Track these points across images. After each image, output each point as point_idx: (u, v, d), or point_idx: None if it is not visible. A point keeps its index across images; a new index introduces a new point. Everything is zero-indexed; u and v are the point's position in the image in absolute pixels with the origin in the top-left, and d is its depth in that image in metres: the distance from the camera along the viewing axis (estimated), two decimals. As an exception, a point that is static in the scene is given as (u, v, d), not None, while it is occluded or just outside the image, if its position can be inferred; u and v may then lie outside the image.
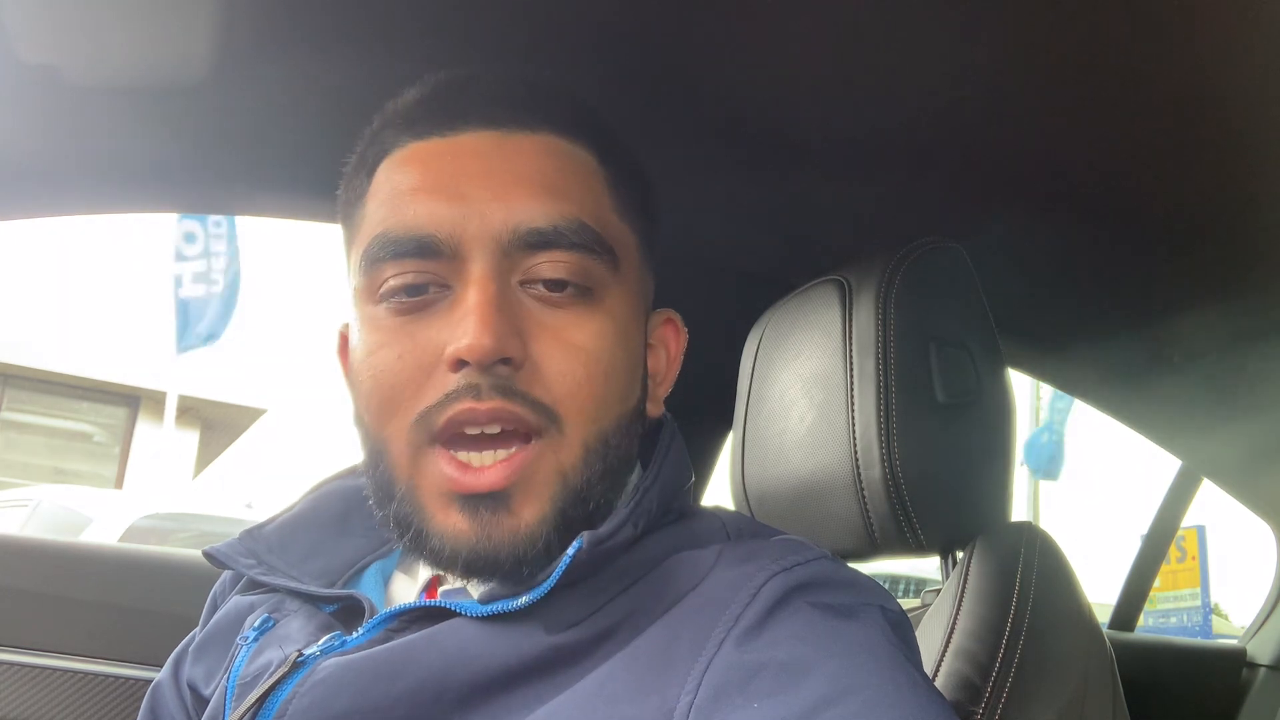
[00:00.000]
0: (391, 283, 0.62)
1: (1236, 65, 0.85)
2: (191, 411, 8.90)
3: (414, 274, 0.62)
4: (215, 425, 9.40)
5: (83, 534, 4.40)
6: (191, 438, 9.22)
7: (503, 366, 0.59)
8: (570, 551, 0.59)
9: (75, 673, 1.22)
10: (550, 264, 0.62)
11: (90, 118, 0.99)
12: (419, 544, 0.62)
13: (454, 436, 0.60)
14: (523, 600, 0.59)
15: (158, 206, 1.21)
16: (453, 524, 0.60)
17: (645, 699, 0.54)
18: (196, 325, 6.72)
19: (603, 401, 0.63)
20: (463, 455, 0.60)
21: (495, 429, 0.59)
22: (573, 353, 0.62)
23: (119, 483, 8.56)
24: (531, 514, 0.60)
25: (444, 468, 0.60)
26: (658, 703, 0.54)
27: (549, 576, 0.59)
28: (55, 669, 1.22)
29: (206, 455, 9.60)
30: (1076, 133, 0.98)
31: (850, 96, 0.95)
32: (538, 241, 0.62)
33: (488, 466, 0.60)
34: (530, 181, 0.63)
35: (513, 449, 0.60)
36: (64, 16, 0.86)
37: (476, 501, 0.60)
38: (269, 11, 0.86)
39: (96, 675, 1.23)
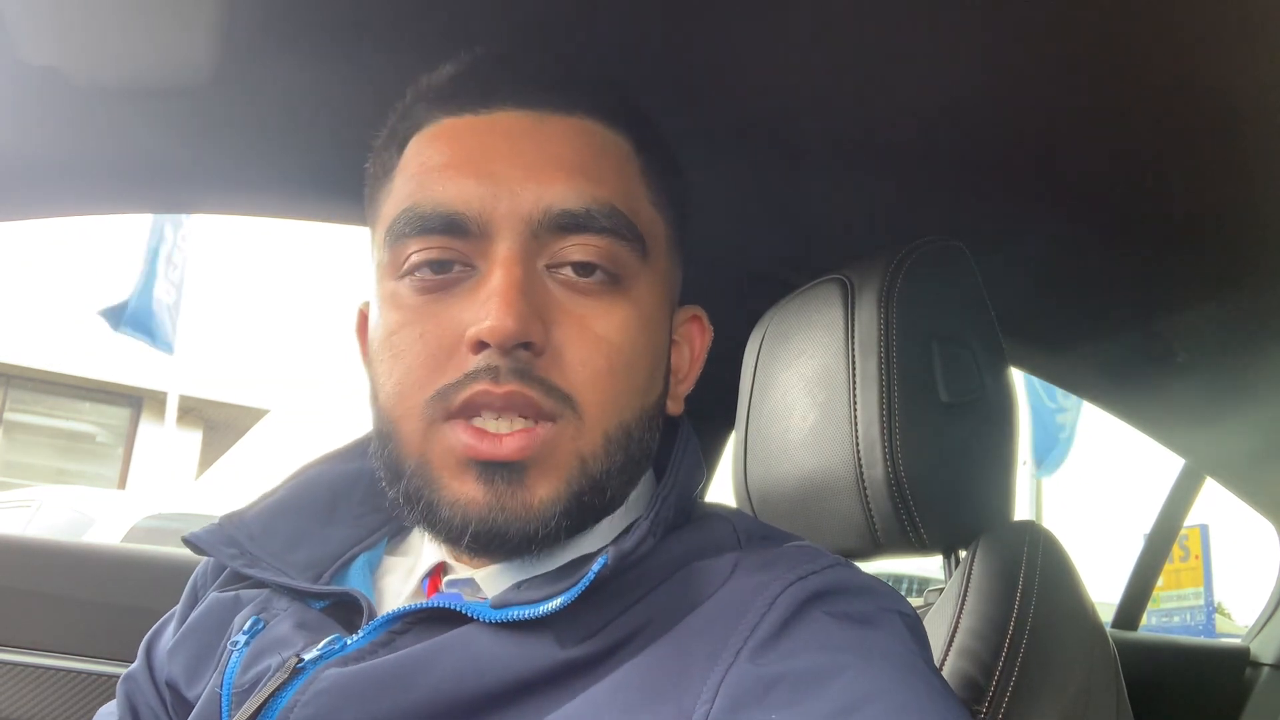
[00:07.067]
0: (415, 258, 0.61)
1: (1237, 65, 0.85)
2: (194, 412, 8.90)
3: (439, 250, 0.61)
4: (218, 425, 9.41)
5: (85, 535, 4.39)
6: (194, 438, 9.23)
7: (523, 351, 0.58)
8: (595, 567, 0.58)
9: (75, 672, 1.22)
10: (579, 247, 0.61)
11: (91, 118, 0.99)
12: (430, 516, 0.60)
13: (471, 412, 0.59)
14: (541, 610, 0.57)
15: (158, 206, 1.21)
16: (467, 491, 0.59)
17: (660, 708, 0.54)
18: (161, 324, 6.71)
19: (623, 393, 0.62)
20: (479, 423, 0.59)
21: (509, 418, 0.58)
22: (595, 342, 0.61)
23: (122, 483, 8.56)
24: (546, 492, 0.59)
25: (462, 436, 0.59)
26: (673, 712, 0.53)
27: (570, 588, 0.57)
28: (55, 669, 1.22)
29: (209, 456, 9.61)
30: (1077, 133, 0.97)
31: (853, 96, 0.95)
32: (568, 223, 0.61)
33: (505, 434, 0.58)
34: (563, 163, 0.62)
35: (532, 422, 0.59)
36: (66, 18, 0.85)
37: (494, 470, 0.59)
38: (270, 13, 0.86)
39: (96, 675, 1.23)
